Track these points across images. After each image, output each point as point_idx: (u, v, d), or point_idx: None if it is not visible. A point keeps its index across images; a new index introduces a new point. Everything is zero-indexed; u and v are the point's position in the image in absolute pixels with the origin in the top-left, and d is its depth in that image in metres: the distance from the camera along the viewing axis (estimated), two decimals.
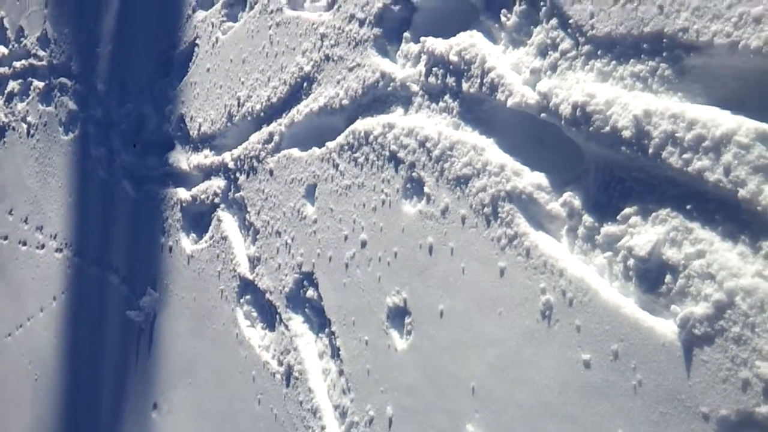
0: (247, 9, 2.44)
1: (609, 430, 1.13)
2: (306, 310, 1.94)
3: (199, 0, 2.76)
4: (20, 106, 4.24)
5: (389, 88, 1.77)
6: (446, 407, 1.42)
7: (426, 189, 1.58)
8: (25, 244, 3.91)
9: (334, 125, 1.94)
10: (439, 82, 1.62)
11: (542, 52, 1.40)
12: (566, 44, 1.34)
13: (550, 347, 1.24)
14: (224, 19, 2.56)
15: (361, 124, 1.82)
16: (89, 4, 3.66)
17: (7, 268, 4.05)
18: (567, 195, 1.32)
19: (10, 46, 4.44)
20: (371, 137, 1.77)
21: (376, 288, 1.66)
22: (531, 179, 1.38)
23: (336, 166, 1.88)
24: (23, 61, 4.29)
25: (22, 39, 4.30)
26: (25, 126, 4.13)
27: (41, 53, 4.07)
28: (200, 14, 2.73)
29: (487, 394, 1.34)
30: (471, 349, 1.39)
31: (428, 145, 1.59)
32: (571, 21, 1.32)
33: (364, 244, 1.73)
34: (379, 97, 1.80)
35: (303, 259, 1.95)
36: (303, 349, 1.89)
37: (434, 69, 1.63)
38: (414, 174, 1.62)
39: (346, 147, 1.85)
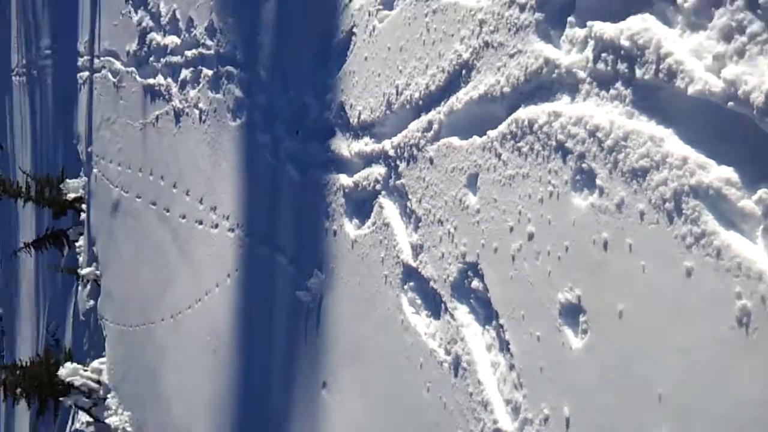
0: None
1: None
2: (471, 300, 1.96)
3: None
4: (192, 92, 4.57)
5: (554, 75, 1.71)
6: (629, 414, 1.38)
7: (598, 181, 1.52)
8: (201, 223, 4.26)
9: (495, 113, 1.92)
10: (609, 68, 1.55)
11: (726, 36, 1.29)
12: (755, 27, 1.23)
13: (750, 358, 1.16)
14: (380, 7, 2.59)
15: (525, 113, 1.78)
16: None
17: (186, 245, 4.45)
18: (762, 192, 1.22)
19: (182, 36, 4.79)
20: (536, 126, 1.73)
21: (546, 282, 1.65)
22: (719, 173, 1.29)
23: (498, 156, 1.86)
24: (193, 50, 4.61)
25: (191, 29, 4.62)
26: (197, 112, 4.46)
27: (209, 42, 4.35)
28: (356, 3, 2.78)
29: (677, 403, 1.29)
30: (656, 354, 1.34)
31: (599, 134, 1.53)
32: (761, 1, 1.20)
33: (531, 237, 1.72)
34: (543, 85, 1.75)
35: (467, 249, 1.96)
36: (470, 339, 1.92)
37: (603, 55, 1.56)
38: (584, 165, 1.57)
39: (508, 136, 1.83)
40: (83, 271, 6.83)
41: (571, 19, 1.70)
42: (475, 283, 1.93)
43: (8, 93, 11.73)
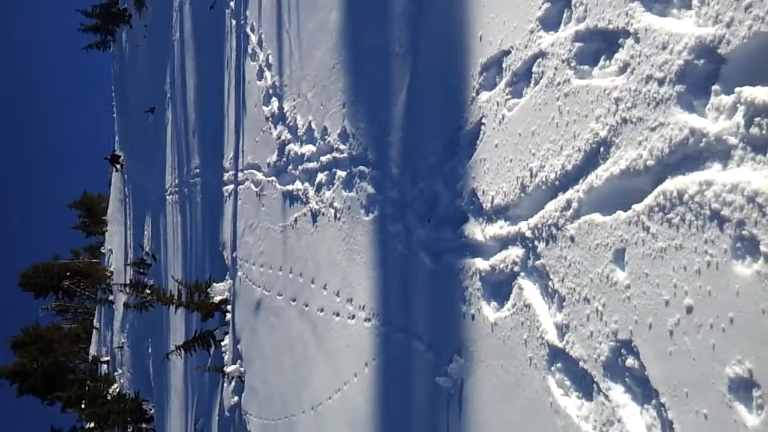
0: (531, 84, 2.53)
1: None
2: (626, 379, 1.87)
3: (481, 83, 2.94)
4: (327, 194, 4.86)
5: (701, 144, 1.69)
6: None
7: (762, 248, 1.45)
8: (338, 315, 4.39)
9: (638, 187, 1.90)
10: (764, 131, 1.51)
11: None
12: None
13: None
14: (509, 96, 2.68)
15: (672, 184, 1.75)
16: (379, 99, 4.11)
17: (324, 337, 4.58)
18: None
19: (317, 144, 5.16)
20: (686, 196, 1.69)
21: (710, 357, 1.55)
22: None
23: (647, 229, 1.82)
24: (328, 155, 4.95)
25: (326, 137, 4.97)
26: (332, 211, 4.72)
27: (342, 147, 4.65)
28: (484, 95, 2.90)
29: None
30: None
31: (759, 200, 1.47)
32: None
33: (689, 310, 1.64)
34: (690, 155, 1.72)
35: (618, 326, 1.90)
36: (628, 421, 1.82)
37: (756, 119, 1.53)
38: (744, 232, 1.50)
39: (656, 208, 1.80)
40: (228, 369, 7.15)
41: (715, 87, 1.69)
42: (630, 361, 1.84)
43: (163, 211, 12.96)
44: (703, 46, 1.71)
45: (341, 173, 4.62)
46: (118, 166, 21.34)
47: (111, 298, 21.20)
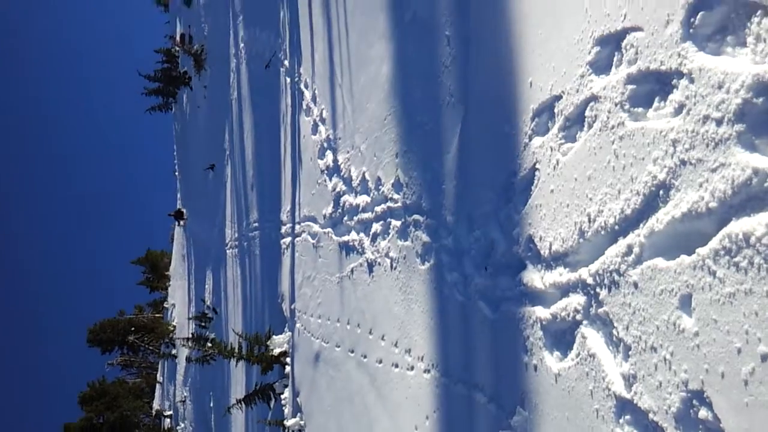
0: (585, 128, 2.51)
1: None
2: (700, 431, 1.78)
3: (534, 128, 2.93)
4: (383, 243, 4.88)
5: (766, 184, 1.63)
6: None
7: None
8: (397, 366, 4.35)
9: (702, 230, 1.84)
10: None
11: None
12: None
13: None
14: (562, 141, 2.66)
15: (738, 226, 1.69)
16: (431, 148, 4.15)
17: (383, 389, 4.53)
18: None
19: (372, 194, 5.22)
20: (752, 239, 1.63)
21: None
22: None
23: (713, 274, 1.76)
24: (382, 205, 4.99)
25: (380, 187, 5.02)
26: (388, 261, 4.73)
27: (396, 196, 4.69)
28: (537, 141, 2.89)
29: None
30: None
31: None
32: None
33: (765, 358, 1.56)
34: (755, 195, 1.67)
35: (688, 376, 1.81)
36: None
37: None
38: None
39: (722, 252, 1.73)
40: (289, 423, 7.14)
41: None
42: (703, 413, 1.75)
43: (223, 264, 13.26)
44: (762, 84, 1.67)
45: (396, 223, 4.65)
46: (182, 222, 22.02)
47: (174, 352, 21.61)
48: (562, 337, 2.56)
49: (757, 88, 1.68)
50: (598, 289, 2.31)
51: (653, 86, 2.14)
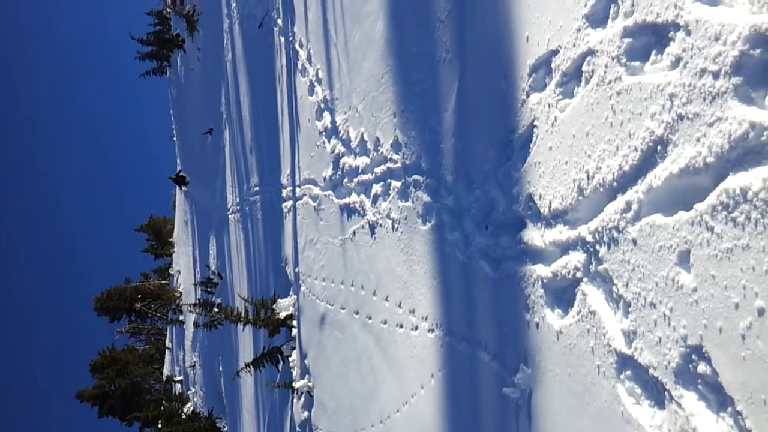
0: (582, 84, 2.47)
1: None
2: (699, 386, 1.80)
3: (531, 84, 2.89)
4: (384, 204, 4.88)
5: (762, 138, 1.61)
6: None
7: None
8: (401, 326, 4.39)
9: (699, 185, 1.83)
10: None
11: None
12: None
13: None
14: (560, 97, 2.63)
15: (735, 181, 1.68)
16: (429, 106, 4.11)
17: (389, 349, 4.59)
18: None
19: (371, 155, 5.19)
20: (750, 193, 1.62)
21: None
22: None
23: (711, 229, 1.75)
24: (382, 166, 4.97)
25: (379, 147, 4.99)
26: (389, 222, 4.73)
27: (395, 156, 4.66)
28: (534, 97, 2.85)
29: None
30: None
31: None
32: None
33: (762, 312, 1.56)
34: (752, 149, 1.65)
35: (687, 331, 1.83)
36: (702, 429, 1.74)
37: None
38: None
39: (719, 207, 1.72)
40: (297, 384, 7.26)
41: None
42: (702, 368, 1.77)
43: (226, 229, 13.30)
44: (759, 35, 1.64)
45: (396, 183, 4.63)
46: (184, 187, 22.00)
47: (181, 318, 21.86)
48: (562, 294, 2.57)
49: (755, 39, 1.65)
50: (597, 247, 2.31)
51: (650, 39, 2.10)
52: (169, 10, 20.72)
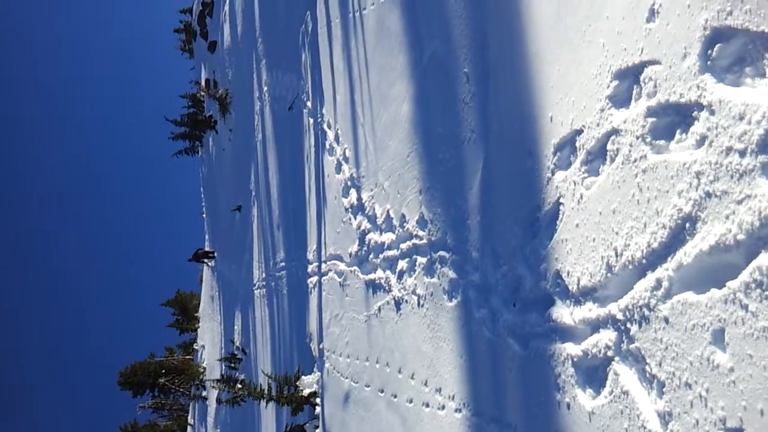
0: (607, 162, 2.50)
1: None
2: None
3: (556, 163, 2.93)
4: (409, 281, 4.87)
5: None
6: None
7: None
8: (427, 405, 4.29)
9: (731, 263, 1.81)
10: None
11: None
12: None
13: None
14: (585, 175, 2.65)
15: (767, 258, 1.66)
16: (455, 184, 4.16)
17: (415, 429, 4.47)
18: None
19: (396, 232, 5.23)
20: None
21: None
22: None
23: (745, 307, 1.72)
24: (408, 242, 4.99)
25: (404, 224, 5.03)
26: (415, 298, 4.71)
27: (421, 233, 4.69)
28: (560, 175, 2.89)
29: None
30: None
31: None
32: None
33: None
34: None
35: (725, 413, 1.77)
36: None
37: None
38: None
39: (753, 285, 1.70)
40: None
41: None
42: None
43: (251, 305, 13.32)
44: None
45: (422, 259, 4.64)
46: (211, 263, 22.18)
47: (204, 394, 21.60)
48: (594, 373, 2.51)
49: None
50: (628, 325, 2.28)
51: (674, 118, 2.14)
52: (203, 93, 21.57)
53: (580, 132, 2.72)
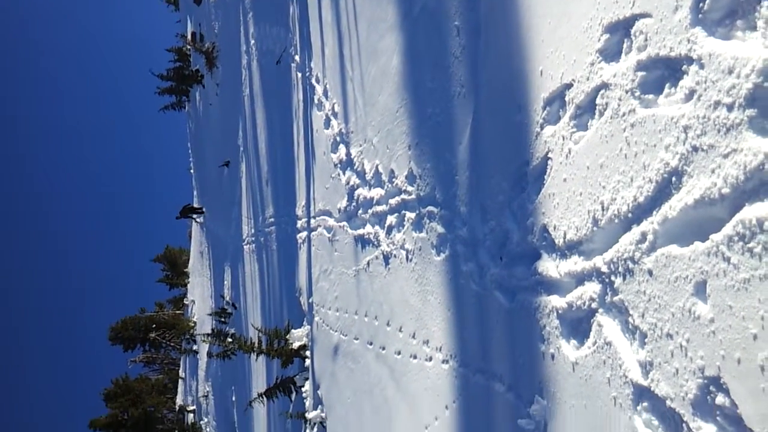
0: (596, 117, 2.50)
1: None
2: (718, 418, 1.78)
3: (545, 117, 2.93)
4: (398, 236, 4.90)
5: None
6: None
7: None
8: (415, 357, 4.37)
9: (715, 216, 1.84)
10: None
11: None
12: None
13: None
14: (574, 130, 2.66)
15: (751, 212, 1.69)
16: (444, 139, 4.15)
17: (402, 380, 4.56)
18: None
19: (385, 187, 5.23)
20: (766, 224, 1.63)
21: None
22: None
23: (727, 260, 1.75)
24: (396, 198, 5.01)
25: (393, 179, 5.03)
26: (404, 252, 4.75)
27: (410, 188, 4.70)
28: (548, 129, 2.89)
29: None
30: None
31: None
32: None
33: None
34: (767, 180, 1.66)
35: (704, 362, 1.82)
36: None
37: None
38: None
39: (735, 238, 1.73)
40: (310, 415, 7.20)
41: None
42: (720, 399, 1.76)
43: (241, 260, 13.36)
44: None
45: (410, 215, 4.66)
46: (200, 219, 22.15)
47: (195, 348, 21.84)
48: (578, 325, 2.57)
49: None
50: (613, 277, 2.32)
51: (663, 72, 2.14)
52: (189, 47, 21.17)
53: (569, 86, 2.71)
